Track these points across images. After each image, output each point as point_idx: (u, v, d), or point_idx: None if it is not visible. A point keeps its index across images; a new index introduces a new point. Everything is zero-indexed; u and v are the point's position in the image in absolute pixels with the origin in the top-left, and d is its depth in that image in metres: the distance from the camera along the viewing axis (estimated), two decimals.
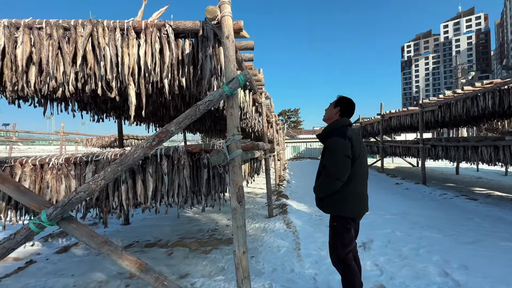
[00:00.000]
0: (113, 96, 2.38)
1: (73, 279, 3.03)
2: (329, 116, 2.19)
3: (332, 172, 1.93)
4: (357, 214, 2.05)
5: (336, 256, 2.06)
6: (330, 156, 1.97)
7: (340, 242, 2.02)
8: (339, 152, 1.92)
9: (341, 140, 1.95)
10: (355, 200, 2.00)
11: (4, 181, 2.03)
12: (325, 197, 2.04)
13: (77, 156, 2.55)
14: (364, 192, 2.09)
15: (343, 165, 1.92)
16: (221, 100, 1.99)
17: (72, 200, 1.90)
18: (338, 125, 2.09)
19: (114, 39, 2.29)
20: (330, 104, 2.22)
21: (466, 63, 29.08)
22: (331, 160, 1.96)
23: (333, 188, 1.95)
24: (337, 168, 1.92)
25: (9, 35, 2.25)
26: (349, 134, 1.99)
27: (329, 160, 1.97)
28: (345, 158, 1.92)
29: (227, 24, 2.05)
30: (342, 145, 1.93)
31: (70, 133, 12.20)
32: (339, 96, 2.21)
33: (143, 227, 5.04)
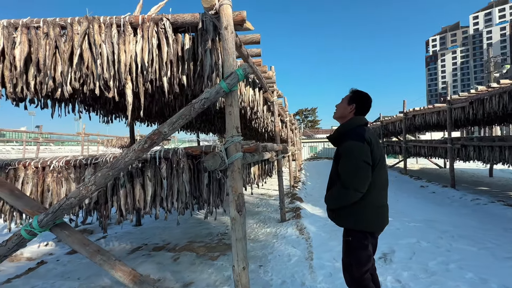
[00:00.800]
0: (111, 95, 2.27)
1: (78, 283, 2.98)
2: (342, 114, 1.89)
3: (350, 182, 1.65)
4: (376, 228, 1.77)
5: (350, 276, 1.78)
6: (346, 163, 1.69)
7: (355, 260, 1.75)
8: (357, 158, 1.65)
9: (359, 144, 1.67)
10: (374, 212, 1.73)
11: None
12: (338, 208, 1.78)
13: (77, 158, 2.47)
14: (384, 203, 1.81)
15: (362, 173, 1.65)
16: (218, 97, 1.79)
17: (63, 206, 1.80)
18: (354, 125, 1.80)
19: (110, 35, 2.18)
20: (343, 99, 1.92)
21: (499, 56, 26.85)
22: (348, 168, 1.67)
23: (350, 200, 1.69)
24: (356, 177, 1.64)
25: (8, 35, 2.21)
26: (367, 136, 1.72)
27: (346, 168, 1.69)
28: (365, 165, 1.65)
29: (226, 13, 1.85)
30: (361, 149, 1.66)
31: (90, 134, 12.66)
32: (353, 90, 1.91)
33: (153, 229, 4.99)
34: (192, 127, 6.94)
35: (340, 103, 1.94)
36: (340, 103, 1.93)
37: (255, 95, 4.00)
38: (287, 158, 8.58)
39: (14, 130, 15.46)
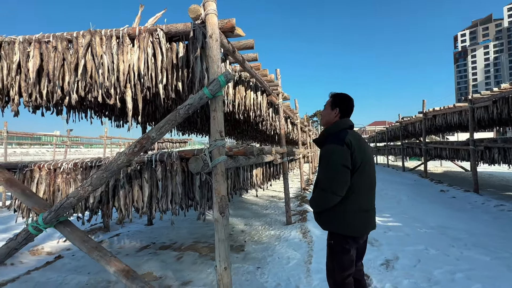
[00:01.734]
0: (112, 102, 2.43)
1: (87, 277, 3.19)
2: (328, 120, 1.89)
3: (327, 185, 1.66)
4: (359, 232, 1.75)
5: (333, 280, 1.78)
6: (324, 166, 1.70)
7: (337, 263, 1.74)
8: (335, 162, 1.65)
9: (337, 147, 1.67)
10: (355, 216, 1.71)
11: (12, 184, 2.20)
12: (321, 212, 1.78)
13: (83, 161, 2.67)
14: (369, 207, 1.80)
15: (340, 177, 1.64)
16: (202, 103, 1.87)
17: (64, 205, 1.96)
18: (336, 129, 1.80)
19: (110, 47, 2.34)
20: (326, 105, 1.91)
21: None
22: (326, 171, 1.69)
23: (328, 204, 1.69)
24: (332, 180, 1.65)
25: (23, 50, 2.45)
26: (348, 138, 1.70)
27: (323, 171, 1.71)
28: (343, 168, 1.64)
29: (211, 22, 1.93)
30: (339, 152, 1.65)
31: (112, 138, 13.39)
32: (333, 94, 1.90)
33: (163, 229, 5.19)
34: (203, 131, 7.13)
35: (324, 110, 1.94)
36: (324, 109, 1.93)
37: (257, 98, 4.05)
38: (299, 161, 8.51)
39: (47, 134, 16.75)
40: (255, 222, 5.23)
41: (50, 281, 3.15)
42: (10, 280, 3.16)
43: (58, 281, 3.14)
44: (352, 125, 1.87)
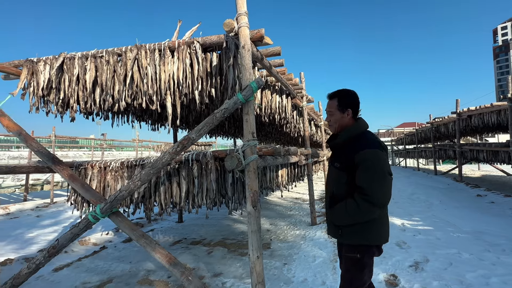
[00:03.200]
0: (154, 108, 2.73)
1: (129, 266, 3.54)
2: (342, 124, 1.68)
3: (377, 198, 1.44)
4: (386, 238, 1.60)
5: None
6: (372, 176, 1.47)
7: (360, 277, 1.58)
8: (382, 170, 1.46)
9: (379, 152, 1.50)
10: (384, 222, 1.59)
11: (74, 180, 2.57)
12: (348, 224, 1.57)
13: (129, 160, 3.00)
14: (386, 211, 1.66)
15: (388, 187, 1.48)
16: (236, 107, 2.07)
17: (117, 198, 2.26)
18: (360, 130, 1.62)
19: (153, 59, 2.65)
20: (332, 110, 1.69)
21: None
22: (375, 182, 1.46)
23: (374, 217, 1.50)
24: (384, 193, 1.46)
25: (82, 64, 2.85)
26: (382, 142, 1.58)
27: (371, 182, 1.46)
28: (389, 177, 1.49)
29: (243, 34, 2.14)
30: (383, 159, 1.49)
31: (143, 141, 14.28)
32: (334, 93, 1.70)
33: (193, 226, 5.50)
34: (229, 133, 7.43)
35: (331, 116, 1.71)
36: (332, 115, 1.71)
37: (282, 101, 4.21)
38: (323, 163, 8.48)
39: (84, 137, 18.26)
40: (280, 222, 5.35)
41: (98, 267, 3.54)
42: (66, 265, 3.60)
43: (105, 268, 3.51)
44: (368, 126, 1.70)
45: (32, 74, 2.95)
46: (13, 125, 2.84)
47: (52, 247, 2.46)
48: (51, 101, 2.98)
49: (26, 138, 2.79)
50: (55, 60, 2.88)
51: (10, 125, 2.83)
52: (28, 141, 2.77)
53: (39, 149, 2.71)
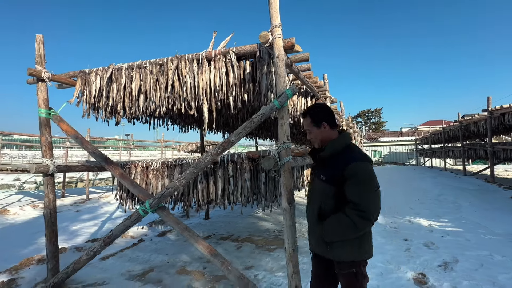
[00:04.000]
0: (192, 113, 2.99)
1: (167, 257, 3.85)
2: (324, 137, 1.67)
3: (373, 212, 1.44)
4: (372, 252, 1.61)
5: None
6: (363, 189, 1.46)
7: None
8: (373, 184, 1.47)
9: (369, 166, 1.50)
10: (370, 237, 1.59)
11: (124, 177, 2.88)
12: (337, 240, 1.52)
13: (168, 160, 3.29)
14: None
15: (379, 201, 1.48)
16: (272, 112, 2.25)
17: (164, 194, 2.54)
18: (346, 143, 1.62)
19: (192, 68, 2.90)
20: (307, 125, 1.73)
21: None
22: (367, 196, 1.45)
23: (361, 232, 1.48)
24: (376, 207, 1.46)
25: (128, 74, 3.17)
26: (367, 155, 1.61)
27: (366, 195, 1.45)
28: (379, 191, 1.50)
29: (278, 45, 2.32)
30: (373, 173, 1.50)
31: (168, 141, 14.92)
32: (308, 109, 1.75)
33: (219, 223, 5.78)
34: (251, 134, 7.66)
35: (309, 133, 1.75)
36: (310, 133, 1.74)
37: (307, 103, 4.34)
38: None
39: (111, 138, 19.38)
40: (303, 221, 5.48)
41: (139, 258, 3.89)
42: (111, 254, 3.99)
43: (145, 258, 3.86)
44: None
45: (85, 84, 3.32)
46: (70, 130, 3.23)
47: (107, 237, 2.79)
48: (101, 108, 3.34)
49: (82, 141, 3.16)
50: (105, 71, 3.23)
51: (68, 129, 3.22)
52: (84, 144, 3.13)
53: (94, 150, 3.06)
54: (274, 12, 2.36)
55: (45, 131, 3.21)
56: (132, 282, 3.11)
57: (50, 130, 3.30)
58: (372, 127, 44.47)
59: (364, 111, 46.07)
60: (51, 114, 3.28)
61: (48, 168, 3.10)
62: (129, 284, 3.05)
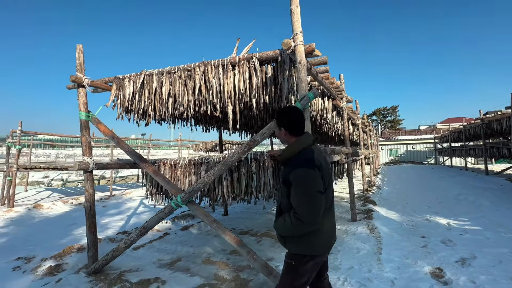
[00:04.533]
0: (217, 114, 3.22)
1: (192, 249, 4.13)
2: (285, 141, 1.78)
3: (306, 216, 1.50)
4: (323, 250, 1.68)
5: None
6: (301, 195, 1.52)
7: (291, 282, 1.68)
8: (311, 189, 1.51)
9: (309, 171, 1.53)
10: (324, 237, 1.65)
11: (156, 174, 3.17)
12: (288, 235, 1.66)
13: (195, 158, 3.55)
14: (331, 221, 1.73)
15: (318, 205, 1.51)
16: None
17: (195, 189, 2.79)
18: (297, 148, 1.65)
19: (218, 73, 3.13)
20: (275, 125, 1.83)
21: None
22: (303, 201, 1.51)
23: (304, 232, 1.58)
24: (312, 211, 1.50)
25: (158, 79, 3.45)
26: (317, 160, 1.59)
27: (300, 200, 1.52)
28: (319, 195, 1.52)
29: (299, 51, 2.50)
30: (313, 178, 1.52)
31: (185, 140, 15.40)
32: (277, 112, 1.82)
33: (238, 218, 6.03)
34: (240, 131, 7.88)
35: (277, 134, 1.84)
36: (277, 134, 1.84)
37: (324, 103, 4.48)
38: (360, 162, 8.49)
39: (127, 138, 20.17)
40: None
41: (167, 249, 4.19)
42: (141, 245, 4.32)
43: (172, 249, 4.15)
44: (311, 141, 1.71)
45: (119, 88, 3.64)
46: (108, 131, 3.56)
47: (143, 227, 3.08)
48: (133, 110, 3.64)
49: (118, 141, 3.47)
50: (137, 76, 3.52)
51: (106, 130, 3.55)
52: (120, 144, 3.45)
53: (129, 149, 3.37)
54: (296, 21, 2.54)
55: (85, 132, 3.55)
56: (163, 269, 3.39)
57: (89, 131, 3.64)
58: (388, 125, 43.41)
59: (379, 109, 45.07)
60: (90, 117, 3.62)
61: (89, 165, 3.44)
62: (160, 271, 3.34)
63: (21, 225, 6.33)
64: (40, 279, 3.29)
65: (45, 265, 3.62)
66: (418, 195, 8.30)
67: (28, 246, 4.59)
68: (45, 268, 3.52)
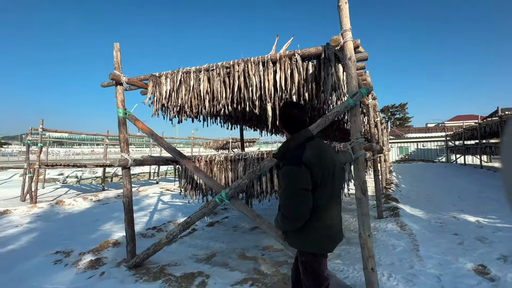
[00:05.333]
0: (257, 111, 3.25)
1: (224, 244, 4.19)
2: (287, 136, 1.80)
3: (288, 211, 1.56)
4: (327, 249, 1.70)
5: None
6: (284, 191, 1.57)
7: (311, 279, 1.70)
8: (293, 186, 1.52)
9: (294, 168, 1.53)
10: (322, 234, 1.64)
11: (198, 171, 3.22)
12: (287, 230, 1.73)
13: (232, 155, 3.59)
14: (334, 221, 1.69)
15: (300, 202, 1.53)
16: (345, 110, 2.45)
17: (240, 184, 2.83)
18: (291, 145, 1.66)
19: (258, 70, 3.15)
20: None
21: None
22: (286, 197, 1.56)
23: (291, 228, 1.63)
24: (294, 208, 1.54)
25: (196, 77, 3.49)
26: (306, 157, 1.54)
27: (283, 196, 1.58)
28: (303, 191, 1.52)
29: (349, 48, 2.49)
30: (296, 175, 1.52)
31: (197, 138, 15.51)
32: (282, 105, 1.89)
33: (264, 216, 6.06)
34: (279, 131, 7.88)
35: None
36: None
37: None
38: (379, 158, 8.44)
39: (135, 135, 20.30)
40: (345, 215, 5.61)
41: (198, 244, 4.25)
42: (173, 241, 4.38)
43: (204, 245, 4.21)
44: (310, 136, 1.68)
45: (155, 86, 3.69)
46: (146, 128, 3.61)
47: (185, 222, 3.14)
48: (170, 108, 3.69)
49: (157, 137, 3.53)
50: (174, 74, 3.57)
51: (144, 127, 3.61)
52: (158, 140, 3.50)
53: (169, 146, 3.42)
54: (344, 17, 2.53)
55: (123, 129, 3.62)
56: (201, 264, 3.45)
57: (126, 128, 3.70)
58: (397, 123, 42.94)
59: (387, 106, 44.57)
60: (127, 114, 3.68)
61: (127, 162, 3.50)
62: (199, 265, 3.40)
63: (48, 221, 6.48)
64: (83, 272, 3.38)
65: (85, 259, 3.71)
66: (437, 192, 8.22)
67: (62, 241, 4.70)
68: (86, 262, 3.62)
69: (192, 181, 3.82)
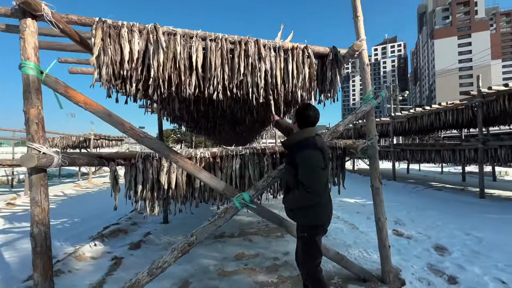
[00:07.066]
0: (261, 101, 2.87)
1: (180, 269, 3.27)
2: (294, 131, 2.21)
3: (313, 188, 1.85)
4: (328, 219, 2.06)
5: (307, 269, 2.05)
6: (307, 170, 1.88)
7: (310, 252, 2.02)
8: (316, 166, 1.89)
9: (313, 152, 1.92)
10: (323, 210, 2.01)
11: (201, 171, 2.37)
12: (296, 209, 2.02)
13: (221, 151, 2.93)
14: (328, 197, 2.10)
15: (320, 179, 1.90)
16: (370, 109, 2.74)
17: (269, 184, 2.39)
18: (301, 136, 2.04)
19: (270, 55, 2.81)
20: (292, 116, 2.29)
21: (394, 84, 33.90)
22: (310, 175, 1.87)
23: (312, 202, 1.93)
24: (317, 183, 1.87)
25: (184, 43, 2.57)
26: (319, 144, 1.99)
27: (307, 175, 1.87)
28: (321, 171, 1.90)
29: (364, 55, 2.83)
30: (317, 158, 1.91)
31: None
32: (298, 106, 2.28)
33: (182, 225, 5.21)
34: None
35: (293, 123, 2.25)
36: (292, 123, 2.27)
37: None
38: None
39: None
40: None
41: None
42: None
43: None
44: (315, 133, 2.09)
45: (110, 41, 2.35)
46: (93, 103, 2.21)
47: (187, 244, 2.21)
48: (131, 83, 2.47)
49: (122, 122, 2.24)
50: (151, 32, 2.45)
51: (89, 101, 2.19)
52: (125, 126, 2.24)
53: (145, 135, 2.27)
54: (360, 28, 2.85)
55: (36, 99, 2.04)
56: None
57: (41, 98, 2.09)
58: None
59: None
60: (44, 74, 2.10)
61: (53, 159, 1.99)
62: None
63: None
64: None
65: None
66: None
67: None
68: None
69: (158, 187, 2.73)
